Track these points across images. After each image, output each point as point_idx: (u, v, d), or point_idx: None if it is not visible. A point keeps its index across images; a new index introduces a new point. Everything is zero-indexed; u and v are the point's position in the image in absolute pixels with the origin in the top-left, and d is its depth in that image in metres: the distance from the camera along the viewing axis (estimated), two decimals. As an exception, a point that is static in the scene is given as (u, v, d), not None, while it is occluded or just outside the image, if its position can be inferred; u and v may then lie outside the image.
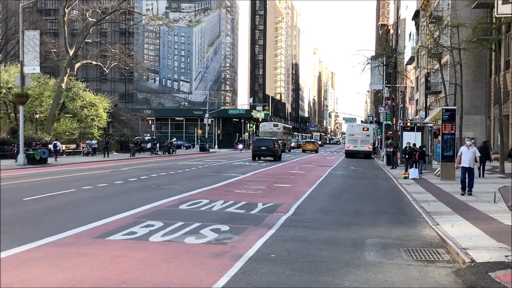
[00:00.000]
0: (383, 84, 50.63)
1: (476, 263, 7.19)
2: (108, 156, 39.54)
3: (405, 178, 21.83)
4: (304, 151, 62.87)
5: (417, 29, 48.97)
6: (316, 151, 62.72)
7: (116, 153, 45.21)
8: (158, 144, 50.05)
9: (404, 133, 29.45)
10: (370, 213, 12.30)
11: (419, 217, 11.70)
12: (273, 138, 42.41)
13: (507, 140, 28.59)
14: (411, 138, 27.97)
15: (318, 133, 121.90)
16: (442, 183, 19.29)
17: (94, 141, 42.10)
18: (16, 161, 28.56)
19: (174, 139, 54.06)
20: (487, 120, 36.01)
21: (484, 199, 14.15)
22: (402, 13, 68.69)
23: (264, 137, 44.35)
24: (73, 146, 42.24)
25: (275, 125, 63.08)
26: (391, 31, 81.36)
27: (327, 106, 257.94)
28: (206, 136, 66.14)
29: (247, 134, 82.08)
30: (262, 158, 38.04)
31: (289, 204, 13.09)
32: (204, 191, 15.83)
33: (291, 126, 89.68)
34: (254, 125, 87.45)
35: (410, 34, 58.03)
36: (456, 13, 31.20)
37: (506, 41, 29.69)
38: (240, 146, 58.92)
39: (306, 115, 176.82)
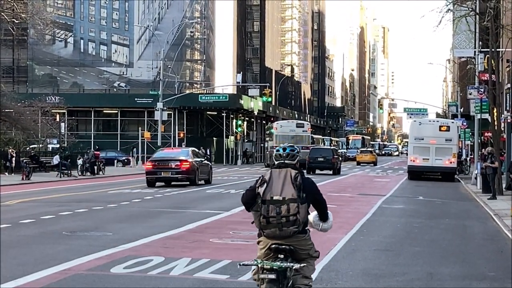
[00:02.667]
0: (475, 47, 50.71)
1: None
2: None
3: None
4: (359, 163, 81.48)
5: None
6: (375, 164, 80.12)
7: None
8: (77, 159, 50.00)
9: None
10: (455, 279, 12.31)
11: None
12: (331, 147, 59.79)
13: None
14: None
15: (359, 137, 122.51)
16: None
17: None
18: None
19: (90, 150, 52.98)
20: None
21: None
22: None
23: (322, 147, 60.11)
24: None
25: (299, 125, 68.65)
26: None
27: (375, 87, 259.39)
28: (159, 143, 66.26)
29: (232, 138, 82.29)
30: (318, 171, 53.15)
31: (309, 264, 13.07)
32: (156, 241, 15.84)
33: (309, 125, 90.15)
34: (246, 122, 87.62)
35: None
36: None
37: None
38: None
39: (338, 103, 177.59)
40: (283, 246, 7.56)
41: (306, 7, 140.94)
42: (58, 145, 57.99)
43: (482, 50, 50.37)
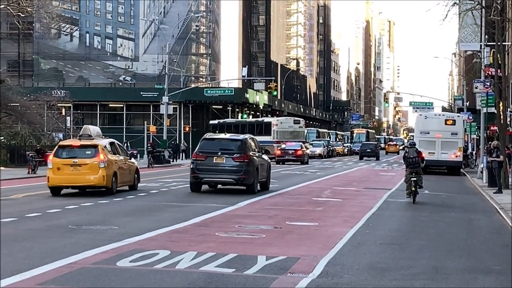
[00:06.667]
0: (481, 41, 50.57)
1: None
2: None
3: (521, 209, 21.84)
4: (387, 153, 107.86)
5: None
6: (398, 153, 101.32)
7: (2, 168, 45.24)
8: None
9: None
10: (461, 273, 12.35)
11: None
12: (374, 143, 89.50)
13: None
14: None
15: (363, 130, 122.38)
16: None
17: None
18: None
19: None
20: None
21: None
22: None
23: (369, 142, 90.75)
24: None
25: (296, 122, 75.51)
26: None
27: (380, 81, 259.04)
28: (165, 137, 66.29)
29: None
30: (365, 158, 77.59)
31: (314, 258, 13.16)
32: (162, 234, 15.92)
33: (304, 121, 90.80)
34: (251, 116, 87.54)
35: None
36: None
37: None
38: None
39: (344, 97, 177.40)
40: (414, 170, 24.69)
41: (312, 1, 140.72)
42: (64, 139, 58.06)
43: (488, 43, 50.29)
